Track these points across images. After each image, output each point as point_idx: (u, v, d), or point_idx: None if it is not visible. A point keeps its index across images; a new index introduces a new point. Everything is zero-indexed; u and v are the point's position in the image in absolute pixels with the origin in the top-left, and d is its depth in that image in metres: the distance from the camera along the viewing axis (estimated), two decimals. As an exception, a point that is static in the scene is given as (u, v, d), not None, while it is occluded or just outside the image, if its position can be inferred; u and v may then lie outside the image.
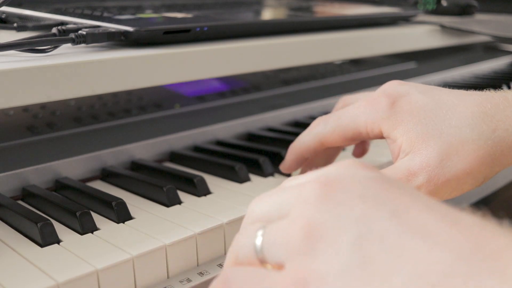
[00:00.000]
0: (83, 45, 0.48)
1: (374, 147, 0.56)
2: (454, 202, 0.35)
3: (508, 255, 0.21)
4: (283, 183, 0.32)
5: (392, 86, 0.43)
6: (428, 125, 0.40)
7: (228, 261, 0.30)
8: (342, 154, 0.54)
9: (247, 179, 0.50)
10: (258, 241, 0.27)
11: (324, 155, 0.50)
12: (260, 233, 0.27)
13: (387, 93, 0.42)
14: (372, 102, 0.42)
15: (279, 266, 0.26)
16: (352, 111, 0.44)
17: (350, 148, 0.55)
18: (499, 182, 0.74)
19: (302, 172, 0.50)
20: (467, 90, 0.42)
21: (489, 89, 0.42)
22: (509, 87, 0.89)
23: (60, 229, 0.40)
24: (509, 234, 0.23)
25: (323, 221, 0.24)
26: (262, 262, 0.27)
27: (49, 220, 0.38)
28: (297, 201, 0.27)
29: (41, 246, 0.37)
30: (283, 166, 0.49)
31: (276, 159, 0.54)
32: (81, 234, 0.39)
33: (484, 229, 0.23)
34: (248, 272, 0.27)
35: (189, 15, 0.62)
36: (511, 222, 0.24)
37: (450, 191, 0.40)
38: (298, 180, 0.30)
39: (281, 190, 0.29)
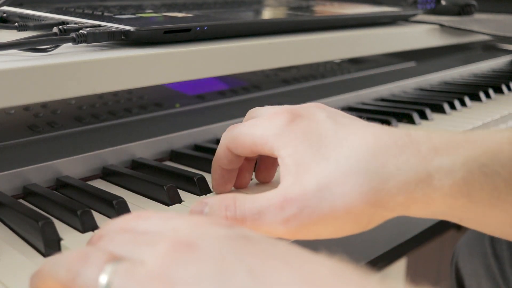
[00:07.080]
0: (83, 44, 0.48)
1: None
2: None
3: None
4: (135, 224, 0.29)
5: (302, 106, 0.40)
6: (318, 150, 0.36)
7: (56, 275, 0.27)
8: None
9: (247, 178, 0.50)
10: (105, 278, 0.25)
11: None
12: (109, 268, 0.25)
13: (291, 110, 0.39)
14: (273, 116, 0.39)
15: None
16: (254, 122, 0.41)
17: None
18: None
19: None
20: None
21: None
22: (508, 86, 0.89)
23: (61, 228, 0.40)
24: (362, 282, 0.24)
25: (180, 277, 0.24)
26: None
27: (50, 218, 0.38)
28: (152, 253, 0.26)
29: (43, 244, 0.37)
30: (213, 187, 0.45)
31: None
32: (82, 232, 0.39)
33: (337, 279, 0.24)
34: None
35: (190, 15, 0.62)
36: None
37: (328, 231, 0.35)
38: (153, 228, 0.28)
39: (139, 233, 0.28)
